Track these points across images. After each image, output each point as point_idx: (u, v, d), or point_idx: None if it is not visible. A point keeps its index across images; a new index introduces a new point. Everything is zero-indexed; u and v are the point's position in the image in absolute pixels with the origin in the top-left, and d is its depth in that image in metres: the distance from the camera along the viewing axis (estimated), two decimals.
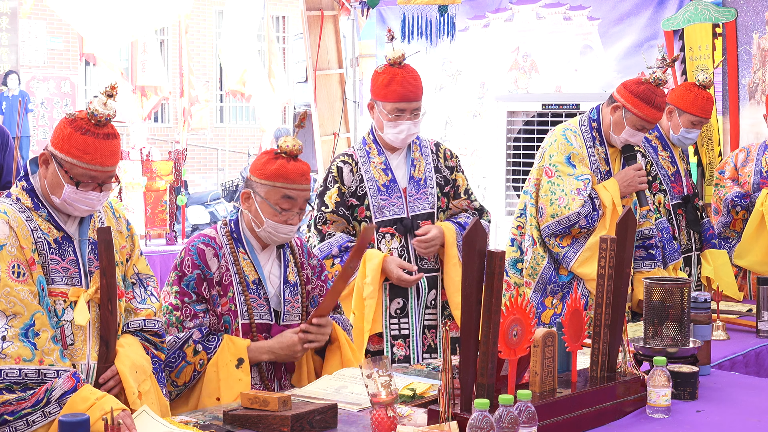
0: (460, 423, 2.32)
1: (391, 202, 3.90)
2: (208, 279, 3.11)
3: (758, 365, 3.68)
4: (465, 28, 7.27)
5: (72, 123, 2.79)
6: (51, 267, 2.79)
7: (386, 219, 3.90)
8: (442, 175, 4.01)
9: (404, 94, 3.85)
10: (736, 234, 5.10)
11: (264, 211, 3.13)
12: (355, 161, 3.93)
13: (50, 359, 2.66)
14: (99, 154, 2.77)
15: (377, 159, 3.94)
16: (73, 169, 2.77)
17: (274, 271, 3.23)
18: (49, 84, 16.16)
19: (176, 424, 2.58)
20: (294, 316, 3.24)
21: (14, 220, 2.76)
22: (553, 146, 4.27)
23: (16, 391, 2.60)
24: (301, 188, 3.13)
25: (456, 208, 4.04)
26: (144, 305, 3.02)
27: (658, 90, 4.15)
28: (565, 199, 4.14)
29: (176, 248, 6.77)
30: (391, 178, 3.92)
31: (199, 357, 3.06)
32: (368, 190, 3.89)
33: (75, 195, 2.79)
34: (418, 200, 3.94)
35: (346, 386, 2.97)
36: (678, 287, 2.97)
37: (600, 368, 2.77)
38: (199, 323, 3.09)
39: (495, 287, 2.38)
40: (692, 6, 6.03)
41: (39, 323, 2.69)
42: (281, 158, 3.13)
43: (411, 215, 3.93)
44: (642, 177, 4.27)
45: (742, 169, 5.16)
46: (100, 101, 2.77)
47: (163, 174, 6.88)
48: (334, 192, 3.90)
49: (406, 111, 3.86)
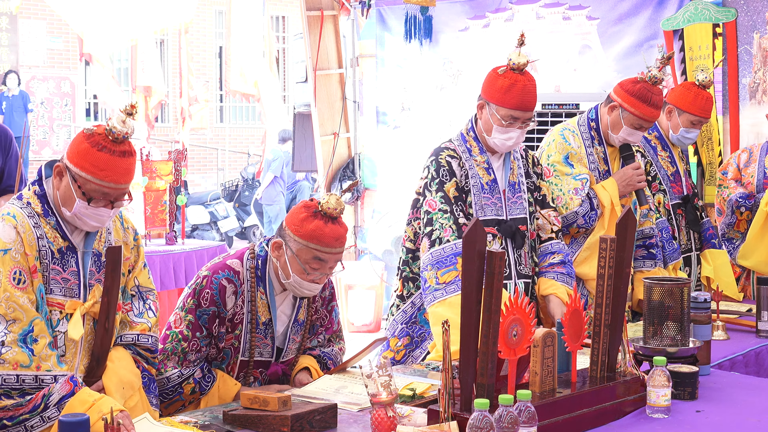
0: (460, 423, 2.32)
1: (492, 201, 3.75)
2: (221, 317, 3.08)
3: (758, 365, 3.68)
4: (465, 28, 7.27)
5: (89, 138, 2.76)
6: (51, 277, 2.79)
7: (488, 218, 3.73)
8: (532, 181, 3.89)
9: (522, 103, 3.64)
10: (740, 234, 5.10)
11: (293, 266, 3.06)
12: (459, 156, 3.75)
13: (47, 365, 2.67)
14: (113, 172, 2.75)
15: (479, 158, 3.77)
16: (86, 184, 2.76)
17: (286, 311, 3.19)
18: (49, 84, 16.15)
19: (176, 425, 2.58)
20: (292, 352, 3.23)
21: (22, 225, 2.76)
22: (551, 146, 4.27)
23: (14, 396, 2.61)
24: (334, 252, 3.06)
25: (544, 218, 3.90)
26: (140, 319, 3.01)
27: (654, 88, 4.15)
28: (563, 199, 4.14)
29: (176, 248, 6.78)
30: (493, 178, 3.77)
31: (193, 396, 3.08)
32: (472, 187, 3.72)
33: (86, 210, 2.78)
34: (515, 204, 3.80)
35: (346, 386, 2.97)
36: (678, 287, 2.97)
37: (600, 368, 2.77)
38: (201, 357, 3.09)
39: (495, 287, 2.38)
40: (692, 6, 6.04)
41: (38, 329, 2.69)
42: (320, 218, 3.04)
43: (509, 218, 3.78)
44: (640, 176, 4.26)
45: (745, 170, 5.16)
46: (119, 118, 2.75)
47: (163, 174, 6.88)
48: (452, 185, 3.67)
49: (520, 120, 3.66)
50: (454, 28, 7.35)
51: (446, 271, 3.54)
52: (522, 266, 3.79)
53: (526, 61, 3.63)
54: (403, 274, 3.81)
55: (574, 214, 4.12)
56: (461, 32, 7.30)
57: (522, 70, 3.64)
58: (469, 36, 7.24)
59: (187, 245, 6.95)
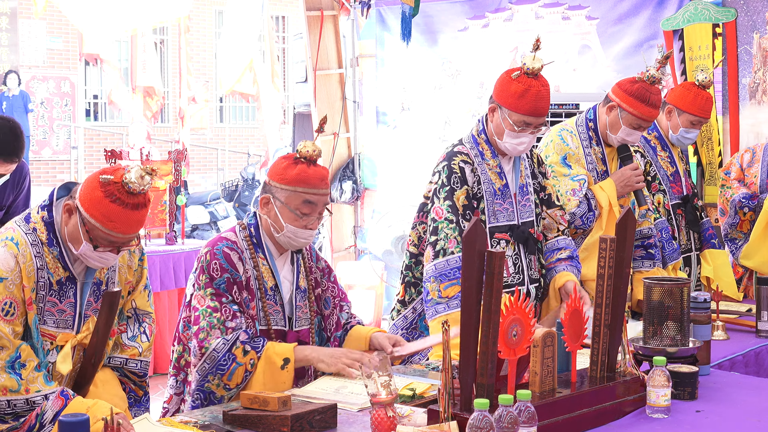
0: (459, 423, 2.32)
1: (504, 207, 3.72)
2: (238, 282, 3.08)
3: (758, 365, 3.68)
4: (464, 27, 7.27)
5: (104, 187, 2.70)
6: (46, 309, 2.79)
7: (500, 224, 3.71)
8: (538, 181, 3.88)
9: (536, 109, 3.59)
10: (743, 235, 5.10)
11: (284, 216, 3.11)
12: (472, 161, 3.70)
13: (36, 386, 2.67)
14: (123, 224, 2.72)
15: (492, 162, 3.73)
16: (94, 230, 2.73)
17: (288, 277, 3.23)
18: (49, 84, 16.16)
19: (176, 425, 2.58)
20: (304, 321, 3.24)
21: (23, 255, 2.75)
22: (549, 147, 4.27)
23: (8, 420, 2.64)
24: (321, 193, 3.13)
25: (551, 218, 3.88)
26: (132, 343, 3.02)
27: (652, 88, 4.15)
28: (561, 200, 4.14)
29: (176, 248, 6.78)
30: (505, 182, 3.73)
31: (249, 357, 3.01)
32: (485, 193, 3.68)
33: (91, 253, 2.77)
34: (524, 207, 3.78)
35: (346, 386, 2.97)
36: (678, 287, 2.97)
37: (600, 368, 2.77)
38: (240, 323, 3.05)
39: (495, 287, 2.39)
40: (692, 6, 6.04)
41: (24, 354, 2.70)
42: (301, 163, 3.12)
43: (521, 222, 3.76)
44: (639, 176, 4.26)
45: (749, 170, 5.16)
46: (137, 174, 2.70)
47: (163, 174, 6.88)
48: (462, 194, 3.63)
49: (532, 125, 3.63)
50: (453, 28, 7.35)
51: (449, 285, 3.51)
52: (533, 270, 3.78)
53: (541, 65, 3.59)
54: (406, 278, 3.81)
55: (572, 215, 4.12)
56: (460, 32, 7.30)
57: (536, 75, 3.59)
58: (468, 36, 7.24)
59: (187, 245, 6.95)
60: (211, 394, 3.01)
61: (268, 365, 3.02)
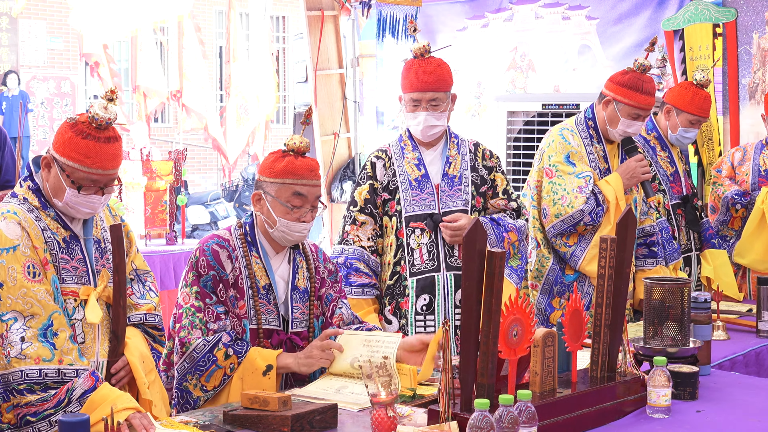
0: (460, 423, 2.32)
1: (422, 197, 3.87)
2: (224, 280, 3.08)
3: (758, 365, 3.68)
4: (464, 27, 7.27)
5: (73, 127, 2.78)
6: (62, 266, 2.82)
7: (417, 214, 3.86)
8: (479, 175, 3.95)
9: (418, 84, 3.84)
10: (734, 232, 5.10)
11: (276, 210, 3.11)
12: (389, 156, 3.93)
13: (69, 358, 2.69)
14: (100, 158, 2.78)
15: (411, 154, 3.93)
16: (74, 173, 2.78)
17: (284, 276, 3.21)
18: (49, 84, 16.16)
19: (176, 425, 2.58)
20: (302, 323, 3.22)
21: (25, 220, 2.78)
22: (551, 146, 4.27)
23: (37, 391, 2.63)
24: (311, 183, 3.13)
25: (494, 207, 3.98)
26: (143, 300, 3.06)
27: (644, 76, 4.19)
28: (567, 198, 4.14)
29: (176, 248, 6.77)
30: (423, 173, 3.90)
31: (229, 361, 2.99)
32: (400, 184, 3.88)
33: (77, 198, 2.80)
34: (451, 197, 3.90)
35: (346, 386, 2.97)
36: (678, 287, 2.97)
37: (600, 368, 2.77)
38: (223, 325, 3.04)
39: (495, 287, 2.38)
40: (692, 6, 6.03)
41: (57, 323, 2.71)
42: (289, 156, 3.13)
43: (442, 211, 3.87)
44: (644, 167, 4.27)
45: (740, 168, 5.16)
46: (100, 105, 2.77)
47: (163, 174, 6.88)
48: (365, 188, 3.90)
49: (422, 101, 3.85)
50: (452, 28, 7.34)
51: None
52: (453, 258, 3.87)
53: (423, 46, 3.88)
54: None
55: (580, 212, 4.12)
56: (459, 32, 7.29)
57: (423, 56, 3.88)
58: (467, 36, 7.24)
59: (187, 245, 6.94)
60: (188, 393, 3.00)
61: (250, 370, 3.00)
